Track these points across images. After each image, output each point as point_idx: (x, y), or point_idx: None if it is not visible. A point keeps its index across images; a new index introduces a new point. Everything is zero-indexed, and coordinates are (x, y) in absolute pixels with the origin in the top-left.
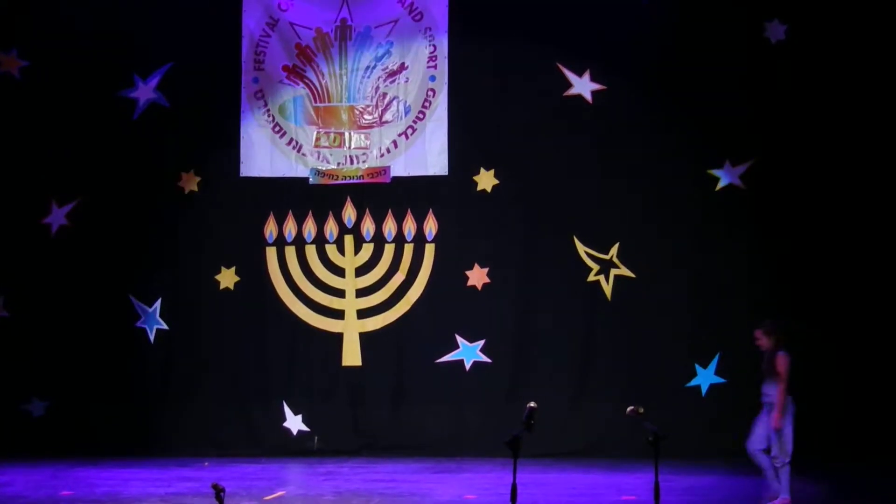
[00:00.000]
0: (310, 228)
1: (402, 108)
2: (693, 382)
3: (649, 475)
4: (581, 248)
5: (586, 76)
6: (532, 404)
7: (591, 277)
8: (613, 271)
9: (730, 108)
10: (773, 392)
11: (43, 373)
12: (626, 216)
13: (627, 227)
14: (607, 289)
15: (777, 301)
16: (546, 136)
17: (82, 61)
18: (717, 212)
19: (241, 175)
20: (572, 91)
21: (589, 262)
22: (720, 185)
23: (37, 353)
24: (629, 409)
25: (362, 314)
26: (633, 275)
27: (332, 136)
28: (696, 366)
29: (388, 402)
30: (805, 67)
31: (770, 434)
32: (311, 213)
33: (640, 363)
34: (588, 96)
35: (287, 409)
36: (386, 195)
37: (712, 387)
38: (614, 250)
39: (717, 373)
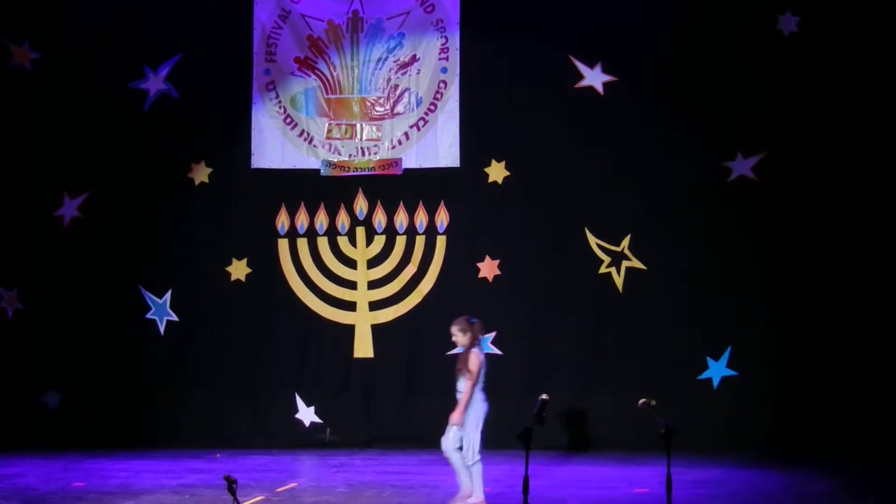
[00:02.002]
0: (322, 220)
1: (413, 99)
2: (705, 375)
3: (661, 468)
4: (592, 240)
5: (598, 68)
6: (544, 396)
7: (603, 269)
8: (625, 263)
9: (742, 99)
10: (460, 387)
11: (56, 365)
12: (637, 208)
13: (639, 219)
14: (619, 281)
15: (789, 293)
16: (557, 128)
17: (93, 53)
18: (729, 203)
19: (252, 166)
20: (584, 83)
21: (600, 254)
22: (732, 176)
23: (50, 345)
24: (641, 401)
25: (374, 306)
26: (644, 267)
27: (343, 127)
28: (708, 358)
29: (399, 395)
30: (817, 59)
31: (465, 432)
32: (322, 204)
33: (652, 356)
34: (600, 88)
35: (299, 401)
36: (397, 187)
37: (724, 379)
38: (626, 242)
39: (729, 365)
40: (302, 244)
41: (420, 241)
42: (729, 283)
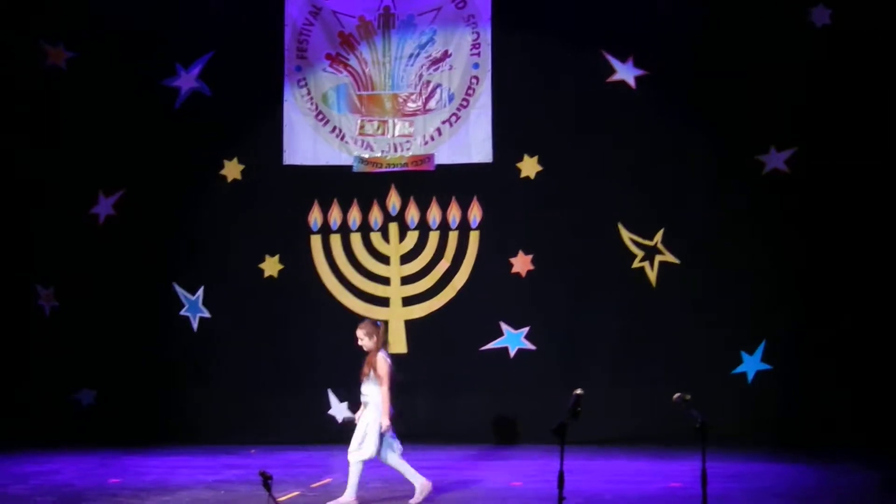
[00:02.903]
0: (354, 216)
1: (445, 95)
2: (739, 369)
3: (695, 462)
4: (625, 235)
5: (630, 62)
6: (578, 391)
7: (636, 264)
8: (658, 258)
9: (775, 92)
10: (372, 392)
11: (92, 361)
12: (670, 202)
13: (672, 213)
14: (652, 275)
15: (824, 287)
16: (590, 123)
17: (126, 52)
18: (763, 197)
19: (284, 163)
20: (616, 77)
21: (633, 249)
22: (765, 170)
23: (86, 342)
24: (676, 395)
25: (407, 302)
26: (677, 261)
27: (375, 124)
28: (742, 353)
29: (433, 390)
30: (850, 52)
31: (367, 433)
32: (355, 201)
33: (686, 350)
34: (632, 82)
35: (332, 397)
36: (430, 183)
37: (758, 374)
38: (659, 236)
39: (764, 360)
40: (335, 240)
41: (453, 237)
42: (763, 277)
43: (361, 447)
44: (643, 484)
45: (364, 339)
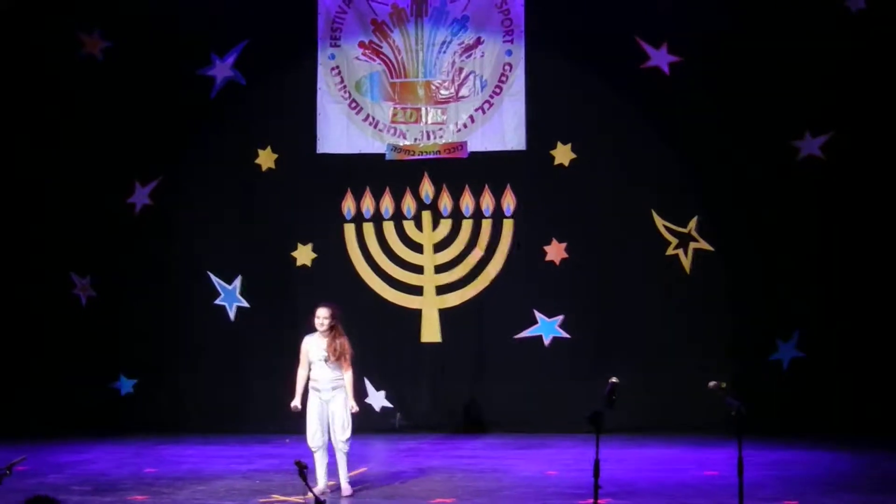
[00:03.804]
0: (387, 204)
1: (478, 82)
2: (774, 357)
3: (731, 450)
4: (659, 222)
5: (664, 48)
6: (614, 379)
7: (670, 251)
8: (692, 245)
9: (810, 77)
10: (338, 375)
11: (128, 351)
12: (704, 189)
13: (706, 200)
14: (686, 262)
15: (858, 273)
16: (623, 109)
17: (161, 41)
18: (797, 183)
19: (317, 152)
20: (650, 63)
21: (667, 236)
22: (800, 156)
23: (122, 332)
24: (711, 383)
25: (441, 290)
26: (711, 248)
27: (408, 111)
28: (777, 340)
29: (468, 379)
30: (885, 36)
31: (343, 417)
32: (388, 189)
33: (721, 337)
34: (665, 68)
35: (368, 386)
36: (463, 170)
37: (794, 361)
38: (693, 223)
39: (799, 347)
40: (368, 229)
41: (486, 225)
42: (797, 264)
43: (346, 432)
44: (678, 472)
45: (327, 321)
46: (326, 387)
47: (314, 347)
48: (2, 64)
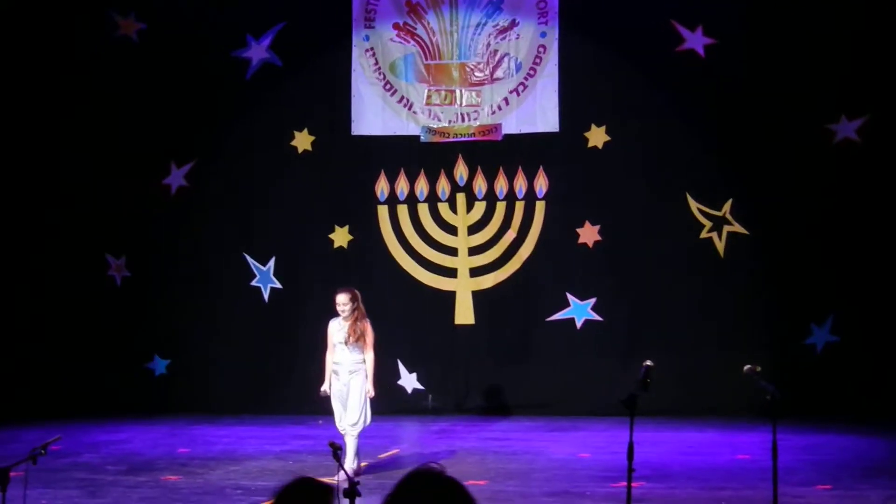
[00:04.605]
0: (422, 187)
1: (513, 64)
2: (809, 341)
3: (764, 434)
4: (693, 205)
5: (699, 31)
6: (648, 362)
7: (704, 234)
8: (726, 228)
9: (846, 60)
10: (359, 359)
11: (163, 331)
12: (739, 172)
13: (741, 183)
14: (720, 246)
15: (893, 258)
16: (658, 92)
17: (197, 22)
18: (833, 167)
19: (352, 133)
20: (685, 46)
21: (701, 219)
22: (836, 139)
23: (157, 312)
24: (746, 367)
25: (475, 272)
26: (746, 231)
27: (443, 93)
28: (812, 324)
29: (500, 361)
30: None
31: (355, 402)
32: (422, 171)
33: (755, 321)
34: (700, 51)
35: (401, 367)
36: (497, 152)
37: (828, 345)
38: (727, 207)
39: (833, 331)
40: (402, 211)
41: (520, 207)
42: (832, 248)
43: (363, 417)
44: (712, 455)
45: (347, 305)
46: (345, 370)
47: (336, 331)
48: (38, 47)
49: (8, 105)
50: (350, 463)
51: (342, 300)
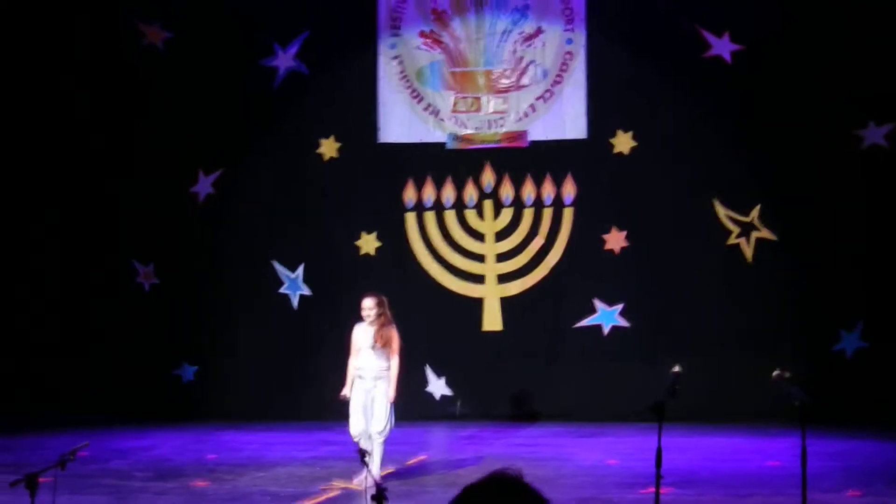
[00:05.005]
0: (449, 193)
1: (539, 71)
2: (838, 347)
3: (793, 440)
4: (721, 211)
5: (726, 37)
6: (677, 369)
7: (732, 240)
8: (754, 234)
9: (874, 66)
10: (384, 366)
11: (191, 338)
12: (767, 178)
13: (769, 189)
14: (748, 251)
15: None
16: (685, 98)
17: (223, 32)
18: (861, 173)
19: (379, 141)
20: (711, 52)
21: (729, 225)
22: (864, 145)
23: (185, 319)
24: (775, 373)
25: (502, 279)
26: (774, 237)
27: (469, 100)
28: (841, 330)
29: (528, 367)
30: None
31: (381, 408)
32: (449, 178)
33: (784, 327)
34: (727, 57)
35: (430, 374)
36: (524, 159)
37: (857, 351)
38: (755, 212)
39: (863, 337)
40: (429, 218)
41: (547, 214)
42: (860, 253)
43: (380, 423)
44: (741, 462)
45: (374, 310)
46: (370, 375)
47: (362, 336)
48: (65, 56)
49: (34, 114)
50: (377, 469)
51: (368, 305)
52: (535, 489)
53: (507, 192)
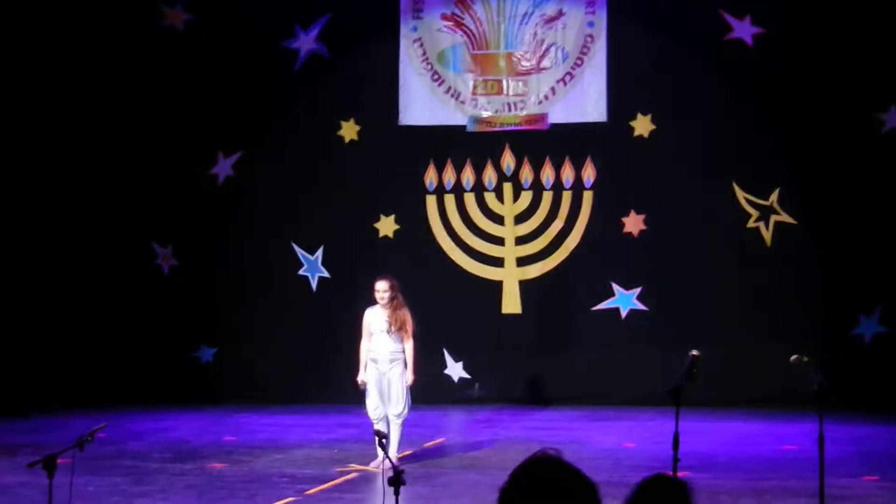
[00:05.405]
0: (468, 176)
1: (559, 54)
2: (856, 331)
3: (810, 424)
4: (740, 194)
5: (747, 20)
6: (694, 352)
7: (751, 224)
8: (773, 217)
9: (894, 50)
10: (398, 348)
11: (210, 320)
12: (787, 161)
13: (788, 173)
14: (767, 235)
15: None
16: (705, 81)
17: (244, 13)
18: (881, 156)
19: (400, 123)
20: (733, 35)
21: (748, 209)
22: (885, 128)
23: (204, 301)
24: (793, 357)
25: (521, 262)
26: (793, 221)
27: (489, 83)
28: (860, 315)
29: (547, 350)
30: None
31: (398, 391)
32: (469, 160)
33: (802, 311)
34: (748, 40)
35: (448, 357)
36: (544, 142)
37: (875, 336)
38: (774, 196)
39: (881, 322)
40: (449, 200)
41: (567, 197)
42: (879, 238)
43: (399, 405)
44: (758, 446)
45: (387, 293)
46: (384, 358)
47: (375, 319)
48: (85, 38)
49: (55, 95)
50: (394, 452)
51: (382, 287)
52: (574, 467)
53: (526, 175)
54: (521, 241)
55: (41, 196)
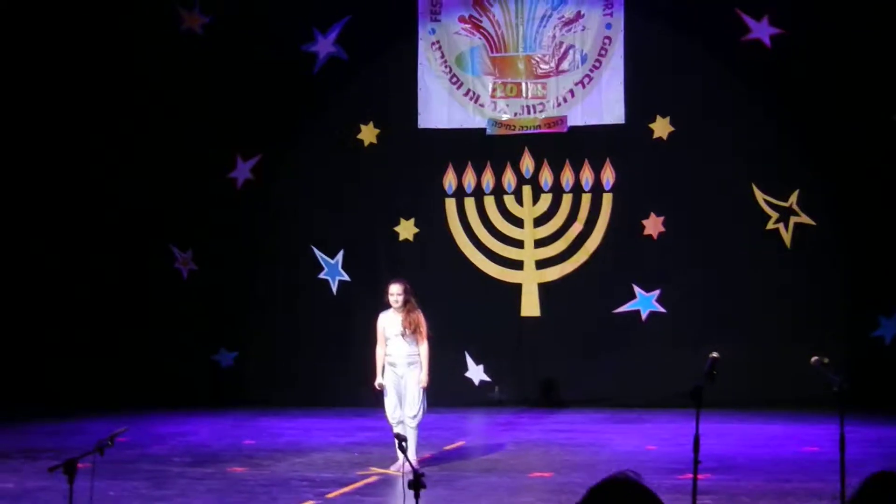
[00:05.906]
0: (488, 179)
1: (578, 56)
2: (877, 333)
3: (830, 426)
4: (760, 196)
5: (765, 21)
6: (714, 354)
7: (770, 225)
8: (793, 219)
9: None
10: (413, 351)
11: (230, 324)
12: (806, 162)
13: (808, 174)
14: (787, 237)
15: None
16: (724, 82)
17: (262, 16)
18: None
19: (419, 127)
20: (751, 36)
21: (768, 210)
22: None
23: (224, 305)
24: (813, 359)
25: (541, 265)
26: (813, 222)
27: (508, 86)
28: (880, 316)
29: (566, 353)
30: None
31: (414, 394)
32: (489, 163)
33: (822, 313)
34: (767, 41)
35: (469, 359)
36: (563, 145)
37: None
38: (794, 197)
39: None
40: (469, 203)
41: (586, 199)
42: None
43: (414, 408)
44: (779, 448)
45: (401, 296)
46: (402, 362)
47: (390, 323)
48: (103, 41)
49: (74, 99)
50: (412, 455)
51: (396, 290)
52: (652, 491)
53: (546, 177)
54: (540, 243)
55: (60, 201)
